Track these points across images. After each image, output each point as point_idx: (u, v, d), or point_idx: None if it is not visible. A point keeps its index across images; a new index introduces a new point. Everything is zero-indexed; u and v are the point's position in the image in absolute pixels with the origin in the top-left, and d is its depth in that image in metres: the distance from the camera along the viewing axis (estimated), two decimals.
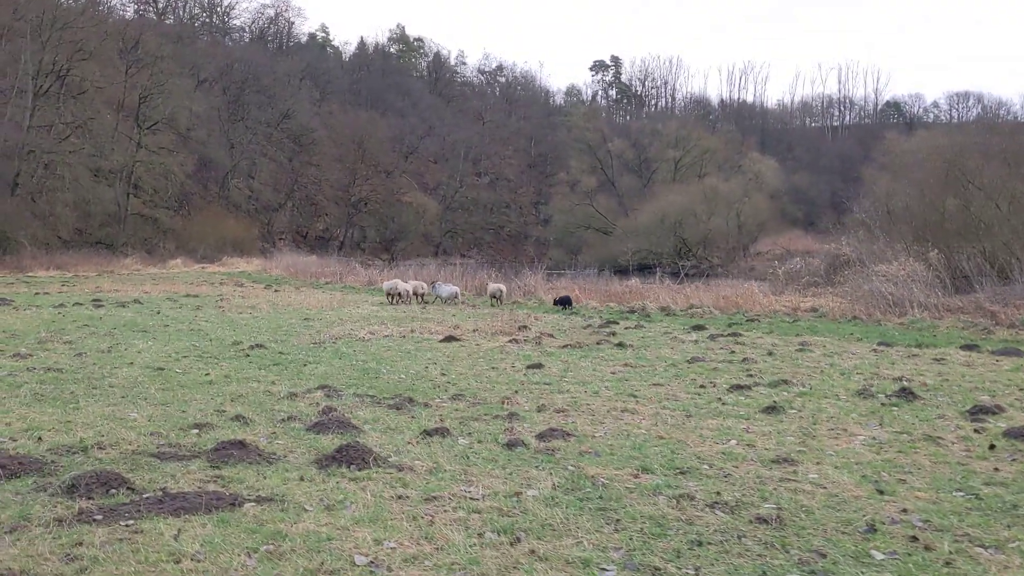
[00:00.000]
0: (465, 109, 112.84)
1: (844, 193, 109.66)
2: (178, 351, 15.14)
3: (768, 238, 70.82)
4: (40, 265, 49.76)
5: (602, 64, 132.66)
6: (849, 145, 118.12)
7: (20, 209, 58.66)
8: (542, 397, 11.02)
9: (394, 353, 15.49)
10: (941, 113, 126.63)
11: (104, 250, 60.71)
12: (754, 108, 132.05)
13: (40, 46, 64.54)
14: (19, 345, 15.40)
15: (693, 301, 23.14)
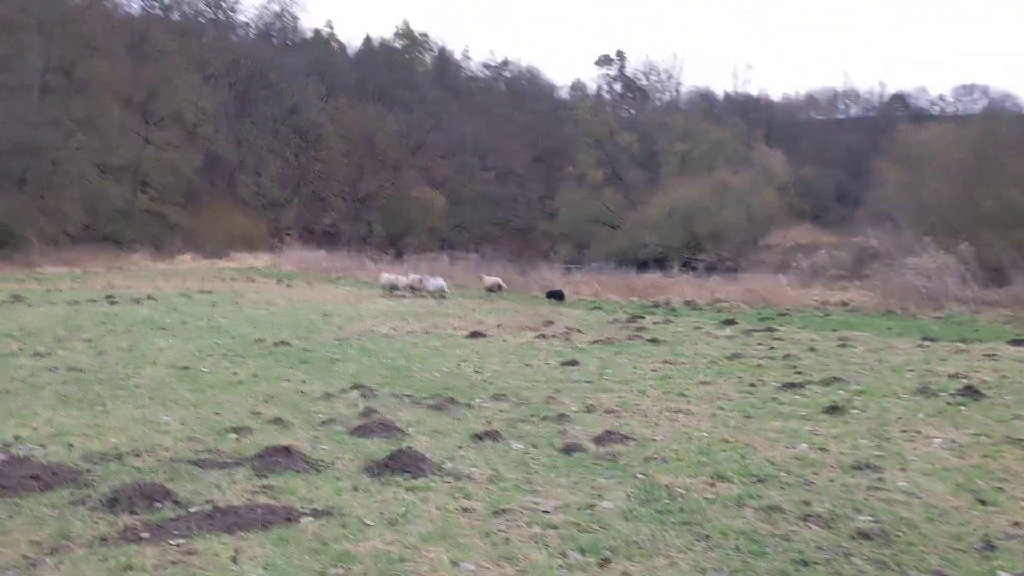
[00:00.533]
0: (471, 104, 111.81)
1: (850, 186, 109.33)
2: (201, 349, 14.64)
3: (777, 231, 70.11)
4: (49, 261, 49.25)
5: (607, 58, 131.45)
6: (855, 138, 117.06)
7: (28, 205, 58.19)
8: (587, 397, 10.51)
9: (422, 350, 14.99)
10: (947, 106, 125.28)
11: (112, 246, 60.21)
12: (759, 101, 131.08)
13: (47, 41, 63.99)
14: (37, 343, 14.89)
15: (719, 295, 22.62)
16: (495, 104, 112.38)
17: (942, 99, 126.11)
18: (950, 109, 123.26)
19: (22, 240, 53.31)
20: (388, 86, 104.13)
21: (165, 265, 54.46)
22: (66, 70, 65.53)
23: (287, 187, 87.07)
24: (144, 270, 49.53)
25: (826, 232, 69.54)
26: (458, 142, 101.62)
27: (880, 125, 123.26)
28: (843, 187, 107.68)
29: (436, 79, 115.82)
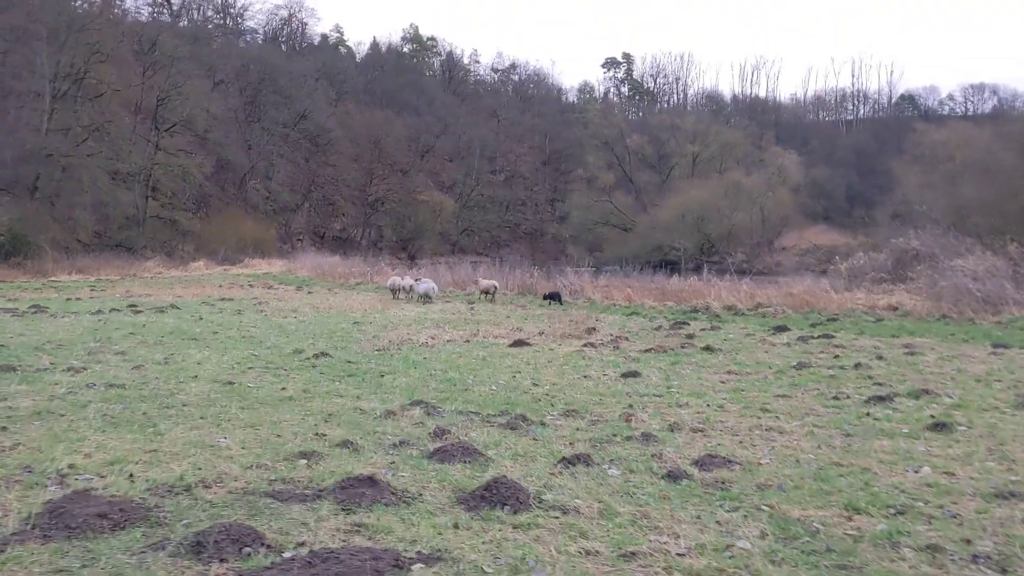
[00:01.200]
0: (479, 107, 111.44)
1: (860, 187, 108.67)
2: (239, 362, 13.99)
3: (792, 233, 69.45)
4: (62, 269, 48.82)
5: (614, 61, 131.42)
6: (865, 139, 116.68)
7: (40, 213, 57.66)
8: (664, 412, 9.84)
9: (469, 360, 14.33)
10: (956, 106, 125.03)
11: (124, 253, 59.72)
12: (767, 103, 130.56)
13: (57, 48, 63.49)
14: (69, 357, 14.27)
15: (760, 300, 21.91)
16: (503, 107, 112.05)
17: (951, 99, 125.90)
18: (960, 109, 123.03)
19: (35, 248, 52.79)
20: (396, 90, 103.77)
21: (179, 272, 54.00)
22: (76, 77, 65.03)
23: (297, 192, 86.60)
24: (158, 277, 49.08)
25: (842, 233, 68.97)
26: (466, 145, 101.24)
27: (890, 126, 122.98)
28: (853, 188, 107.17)
29: (444, 83, 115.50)
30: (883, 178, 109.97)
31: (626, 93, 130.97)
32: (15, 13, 66.41)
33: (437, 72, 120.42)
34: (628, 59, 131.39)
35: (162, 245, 67.00)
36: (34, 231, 54.16)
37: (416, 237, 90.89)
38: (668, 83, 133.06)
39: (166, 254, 63.24)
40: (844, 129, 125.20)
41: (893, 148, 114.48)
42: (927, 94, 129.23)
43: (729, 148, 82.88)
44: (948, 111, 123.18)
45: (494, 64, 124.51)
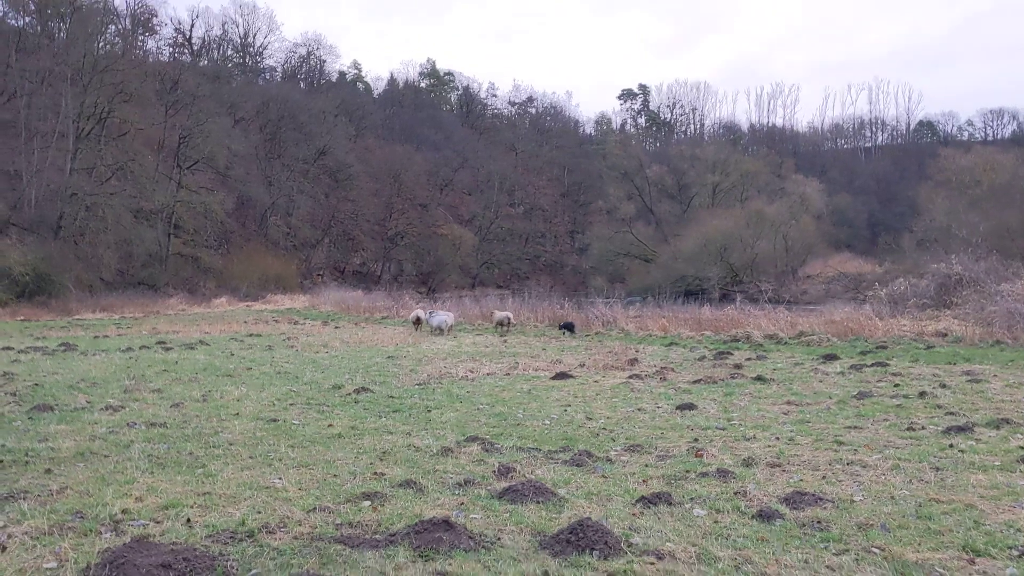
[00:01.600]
0: (497, 140, 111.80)
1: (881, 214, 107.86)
2: (279, 398, 13.62)
3: (816, 261, 68.77)
4: (86, 307, 48.83)
5: (630, 93, 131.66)
6: (884, 166, 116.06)
7: (64, 252, 57.91)
8: (733, 447, 9.37)
9: (514, 394, 13.90)
10: (976, 131, 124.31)
11: (147, 290, 59.82)
12: (784, 131, 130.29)
13: (81, 90, 64.15)
14: (105, 395, 13.95)
15: (803, 328, 21.37)
16: (521, 140, 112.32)
17: (971, 124, 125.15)
18: (979, 134, 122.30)
19: (59, 286, 52.93)
20: (415, 125, 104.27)
21: (201, 308, 53.90)
22: (100, 117, 65.66)
23: (317, 227, 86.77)
24: (182, 314, 48.98)
25: (868, 260, 68.23)
26: (485, 179, 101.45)
27: (909, 152, 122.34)
28: (875, 215, 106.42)
29: (462, 117, 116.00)
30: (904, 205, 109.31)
31: (643, 124, 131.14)
32: (41, 56, 67.29)
33: (455, 106, 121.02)
34: (644, 90, 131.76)
35: (184, 282, 67.13)
36: (58, 270, 54.33)
37: (436, 271, 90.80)
38: (685, 113, 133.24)
39: (188, 291, 63.30)
40: (863, 156, 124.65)
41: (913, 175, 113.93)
42: (946, 120, 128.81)
43: (750, 177, 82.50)
44: (968, 137, 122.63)
45: (511, 97, 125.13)
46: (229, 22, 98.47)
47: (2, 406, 12.80)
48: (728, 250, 66.56)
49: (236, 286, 65.67)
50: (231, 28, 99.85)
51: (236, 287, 65.27)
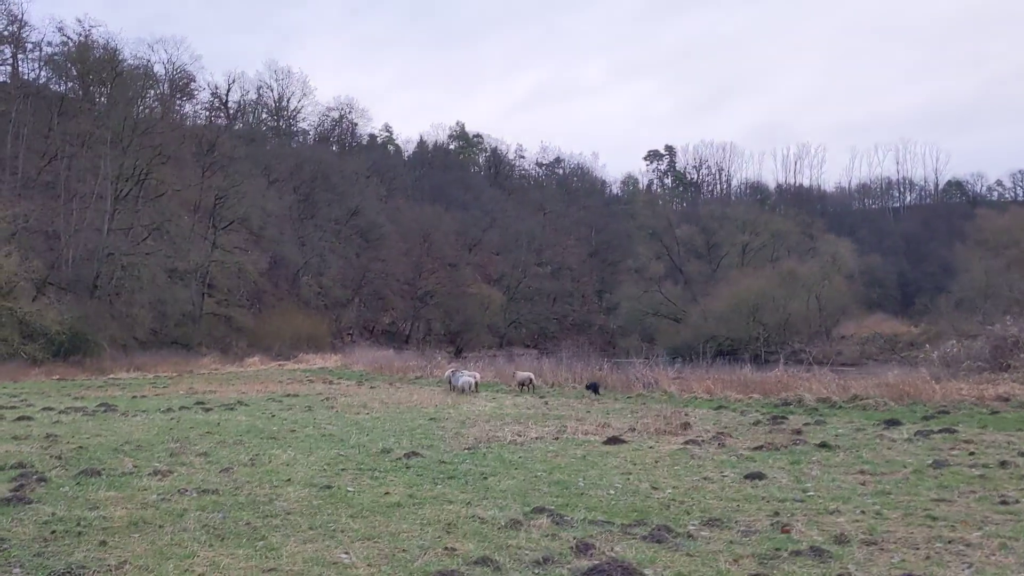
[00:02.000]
0: (525, 201, 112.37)
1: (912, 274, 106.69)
2: (328, 463, 13.20)
3: (849, 322, 67.82)
4: (120, 366, 48.85)
5: (656, 154, 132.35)
6: (913, 226, 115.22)
7: (99, 311, 58.29)
8: (819, 521, 8.82)
9: (569, 460, 13.40)
10: (1006, 191, 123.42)
11: (180, 349, 59.97)
12: (812, 192, 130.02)
13: (120, 152, 65.19)
14: (151, 459, 13.60)
15: (856, 391, 20.72)
16: (548, 200, 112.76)
17: (1000, 184, 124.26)
18: (1009, 195, 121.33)
19: (94, 346, 53.13)
20: (444, 186, 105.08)
21: (234, 368, 53.69)
22: (138, 179, 66.56)
23: (348, 287, 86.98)
24: (215, 373, 48.78)
25: (902, 321, 67.21)
26: (513, 239, 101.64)
27: (939, 212, 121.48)
28: (905, 275, 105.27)
29: (490, 178, 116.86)
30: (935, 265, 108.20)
31: (670, 184, 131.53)
32: (82, 120, 68.67)
33: (483, 168, 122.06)
34: (670, 151, 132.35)
35: (216, 341, 67.15)
36: (94, 329, 54.64)
37: (464, 330, 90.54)
38: (711, 174, 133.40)
39: (221, 350, 63.24)
40: (891, 216, 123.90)
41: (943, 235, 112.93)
42: (975, 180, 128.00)
43: (780, 237, 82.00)
44: (998, 197, 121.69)
45: (538, 158, 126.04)
46: (264, 86, 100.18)
47: (49, 470, 12.49)
48: (760, 310, 65.80)
49: (268, 345, 65.61)
50: (266, 92, 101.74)
51: (268, 346, 65.19)
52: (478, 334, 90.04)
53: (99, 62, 74.44)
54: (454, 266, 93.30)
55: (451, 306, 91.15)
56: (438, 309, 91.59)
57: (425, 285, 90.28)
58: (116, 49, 75.16)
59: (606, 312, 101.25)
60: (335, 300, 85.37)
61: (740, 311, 66.19)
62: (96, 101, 76.88)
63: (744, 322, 66.08)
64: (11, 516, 9.35)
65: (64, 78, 76.95)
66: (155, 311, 64.02)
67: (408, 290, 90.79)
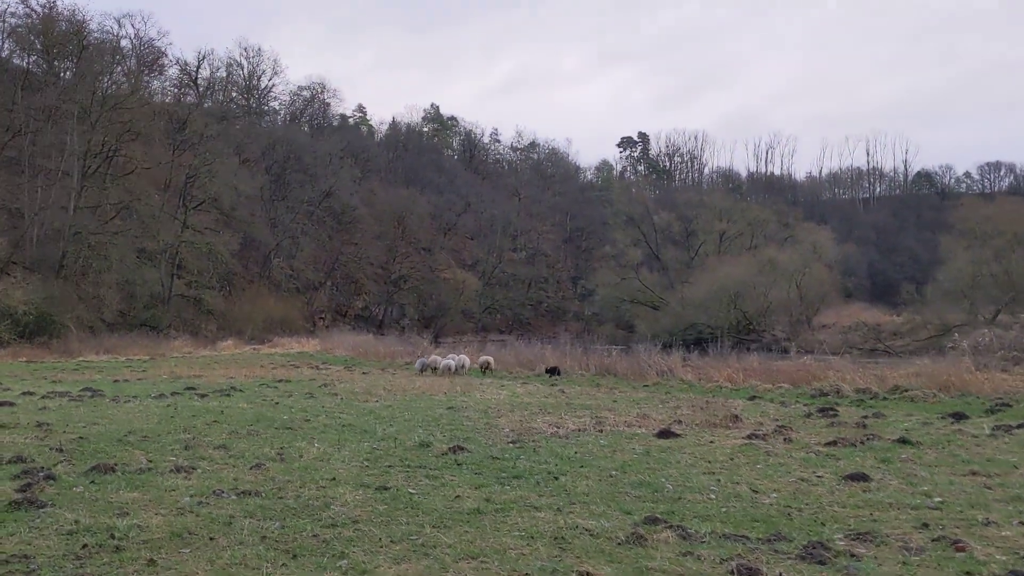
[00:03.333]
0: (500, 185, 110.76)
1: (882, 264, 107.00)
2: (367, 458, 11.80)
3: (829, 310, 67.29)
4: (89, 349, 46.75)
5: (630, 140, 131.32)
6: (883, 216, 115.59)
7: (66, 292, 55.83)
8: (984, 535, 7.61)
9: (632, 456, 12.11)
10: (973, 184, 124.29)
11: (149, 332, 57.68)
12: (783, 181, 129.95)
13: (89, 127, 62.46)
14: (164, 452, 12.09)
15: (896, 382, 19.66)
16: (523, 185, 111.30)
17: (968, 176, 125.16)
18: (976, 187, 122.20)
19: (60, 327, 50.87)
20: (418, 168, 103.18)
21: (208, 351, 51.80)
22: (107, 155, 63.94)
23: (321, 270, 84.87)
24: (188, 357, 46.96)
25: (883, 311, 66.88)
26: (488, 223, 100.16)
27: (908, 203, 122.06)
28: (874, 265, 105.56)
29: (465, 161, 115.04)
30: (904, 255, 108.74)
31: (643, 171, 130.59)
32: (48, 94, 65.70)
33: (457, 151, 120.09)
34: (644, 138, 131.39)
35: (186, 324, 64.95)
36: (60, 310, 52.29)
37: (439, 315, 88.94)
38: (684, 161, 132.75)
39: (191, 333, 61.14)
40: (861, 207, 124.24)
41: (912, 225, 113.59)
42: (943, 172, 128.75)
43: (759, 225, 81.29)
44: (965, 188, 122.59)
45: (513, 143, 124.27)
46: (234, 64, 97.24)
47: (53, 465, 10.94)
48: (741, 298, 65.02)
49: (240, 329, 63.63)
50: (236, 71, 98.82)
51: (240, 330, 63.21)
52: (453, 319, 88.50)
53: (64, 35, 71.40)
54: (428, 250, 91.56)
55: (425, 291, 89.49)
56: (412, 294, 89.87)
57: (399, 269, 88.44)
58: (82, 22, 72.12)
59: (580, 299, 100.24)
60: (307, 283, 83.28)
61: (721, 299, 65.38)
62: (61, 76, 73.80)
63: (725, 310, 65.30)
64: (27, 524, 7.86)
65: (28, 51, 73.69)
66: (123, 292, 61.67)
67: (382, 274, 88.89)
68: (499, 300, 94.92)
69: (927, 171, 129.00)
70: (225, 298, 72.81)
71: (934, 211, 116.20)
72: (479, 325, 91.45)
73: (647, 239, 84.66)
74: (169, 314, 64.79)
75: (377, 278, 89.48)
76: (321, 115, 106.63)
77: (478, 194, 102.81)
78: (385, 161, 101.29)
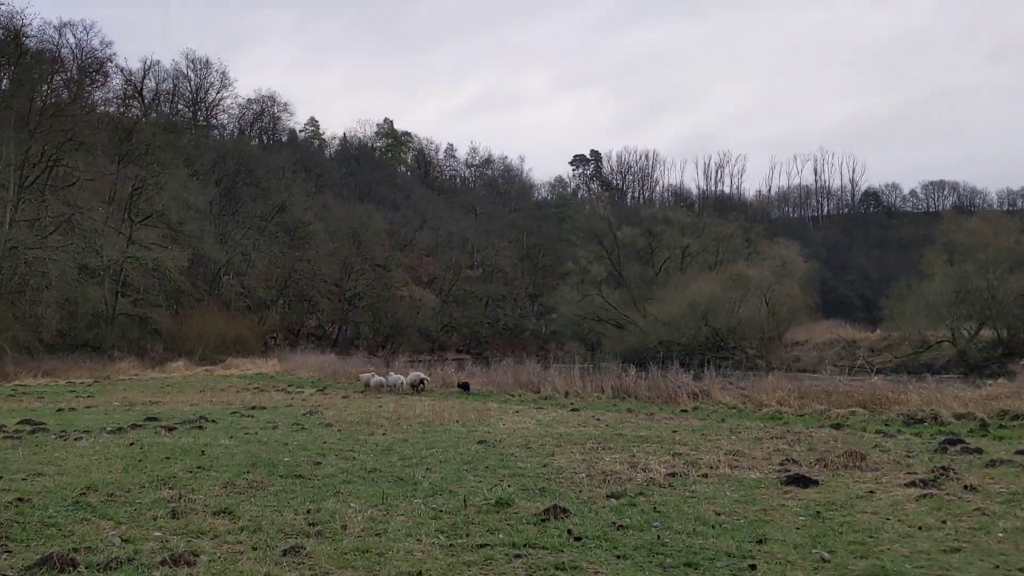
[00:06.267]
0: (455, 202, 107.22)
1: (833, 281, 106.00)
2: (434, 528, 8.22)
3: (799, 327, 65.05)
4: (26, 372, 42.15)
5: (583, 159, 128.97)
6: (833, 234, 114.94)
7: (1, 311, 50.73)
8: None
9: (795, 518, 8.71)
10: (919, 202, 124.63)
11: (92, 353, 52.83)
12: (733, 199, 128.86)
13: (27, 135, 57.28)
14: (145, 524, 8.32)
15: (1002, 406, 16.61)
16: (479, 202, 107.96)
17: (914, 195, 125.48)
18: (922, 206, 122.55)
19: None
20: (372, 184, 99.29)
21: (157, 373, 47.36)
22: (47, 165, 58.74)
23: (272, 287, 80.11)
24: (136, 380, 42.55)
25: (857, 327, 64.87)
26: (445, 240, 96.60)
27: (856, 221, 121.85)
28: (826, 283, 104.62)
29: (420, 177, 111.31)
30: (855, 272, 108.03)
31: (596, 189, 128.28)
32: None
33: (412, 167, 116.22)
34: (596, 156, 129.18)
35: (131, 344, 59.92)
36: None
37: (395, 334, 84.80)
38: (636, 179, 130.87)
39: (136, 354, 56.21)
40: (811, 225, 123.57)
41: (862, 242, 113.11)
42: (890, 191, 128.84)
43: (725, 240, 78.96)
44: (912, 207, 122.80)
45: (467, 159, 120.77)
46: (181, 76, 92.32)
47: None
48: (711, 314, 62.37)
49: (190, 349, 58.97)
50: (183, 83, 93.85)
51: (190, 350, 58.56)
52: (409, 338, 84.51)
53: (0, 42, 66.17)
54: (384, 267, 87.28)
55: (381, 309, 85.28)
56: (367, 312, 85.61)
57: (354, 287, 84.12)
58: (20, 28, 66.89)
59: (538, 316, 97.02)
60: (258, 301, 78.54)
61: (691, 316, 62.64)
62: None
63: (696, 327, 62.58)
64: None
65: None
66: (63, 311, 56.52)
67: (336, 291, 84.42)
68: (456, 318, 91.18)
69: (874, 189, 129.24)
70: (172, 317, 67.89)
71: (882, 229, 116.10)
72: (436, 344, 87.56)
73: (609, 255, 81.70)
74: (113, 334, 59.77)
75: (331, 296, 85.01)
76: (271, 128, 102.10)
77: (434, 210, 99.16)
78: (339, 176, 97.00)
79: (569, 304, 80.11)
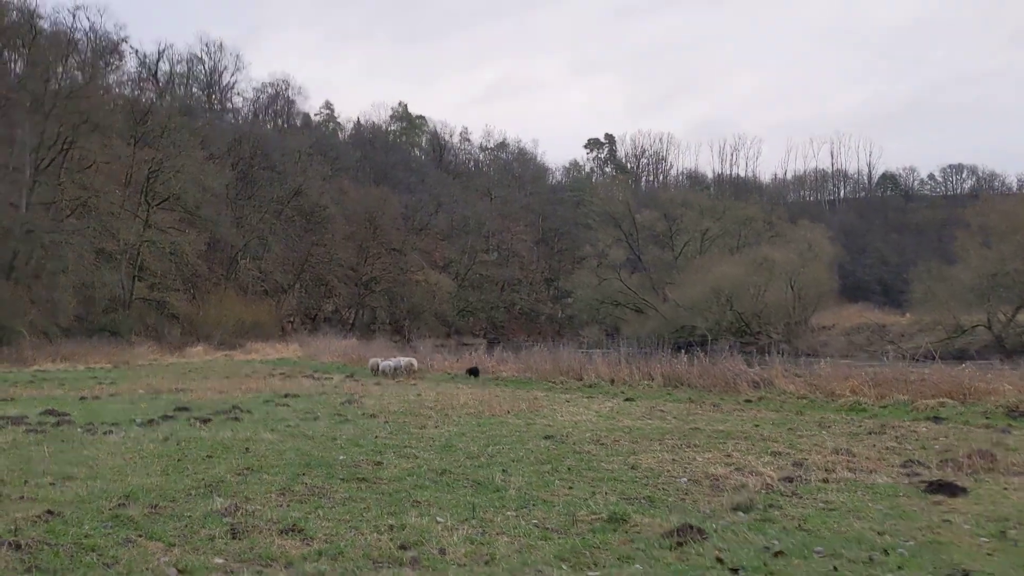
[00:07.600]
0: (471, 185, 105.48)
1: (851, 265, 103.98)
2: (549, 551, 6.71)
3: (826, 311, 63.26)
4: (45, 356, 40.84)
5: (596, 142, 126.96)
6: (850, 218, 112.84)
7: (17, 295, 49.36)
8: None
9: (971, 543, 7.19)
10: (937, 186, 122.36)
11: (109, 337, 51.47)
12: (748, 182, 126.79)
13: (42, 118, 55.83)
14: (202, 547, 6.84)
15: None
16: (495, 186, 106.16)
17: (932, 178, 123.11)
18: (940, 189, 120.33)
19: (12, 333, 44.77)
20: (387, 168, 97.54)
21: (176, 358, 46.10)
22: (62, 148, 57.31)
23: (290, 272, 78.68)
24: (155, 364, 41.42)
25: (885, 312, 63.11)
26: (461, 224, 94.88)
27: (873, 205, 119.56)
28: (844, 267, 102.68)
29: (435, 161, 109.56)
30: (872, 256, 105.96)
31: (611, 172, 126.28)
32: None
33: (426, 150, 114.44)
34: (610, 139, 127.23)
35: (148, 329, 58.70)
36: (11, 315, 46.08)
37: (411, 318, 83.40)
38: (650, 163, 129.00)
39: (154, 339, 54.96)
40: (827, 208, 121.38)
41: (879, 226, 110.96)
42: (907, 174, 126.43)
43: (746, 223, 77.08)
44: (929, 190, 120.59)
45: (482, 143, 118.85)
46: (195, 60, 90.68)
47: None
48: (735, 298, 60.70)
49: (207, 333, 57.64)
50: (197, 66, 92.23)
51: (207, 335, 57.25)
52: (426, 322, 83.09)
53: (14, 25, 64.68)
54: (400, 251, 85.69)
55: (397, 293, 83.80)
56: (383, 296, 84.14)
57: (370, 271, 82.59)
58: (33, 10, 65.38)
59: (554, 300, 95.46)
60: (275, 286, 77.16)
61: (716, 300, 60.99)
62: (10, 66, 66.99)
63: (719, 311, 60.94)
64: None
65: None
66: (81, 295, 55.24)
67: (352, 276, 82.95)
68: (473, 303, 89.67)
69: (891, 173, 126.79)
70: (190, 301, 66.60)
71: (899, 212, 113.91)
72: (452, 328, 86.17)
73: (628, 239, 79.95)
74: (130, 318, 58.49)
75: (347, 280, 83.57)
76: (285, 112, 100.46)
77: (449, 194, 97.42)
78: (353, 159, 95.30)
79: (587, 288, 78.53)
